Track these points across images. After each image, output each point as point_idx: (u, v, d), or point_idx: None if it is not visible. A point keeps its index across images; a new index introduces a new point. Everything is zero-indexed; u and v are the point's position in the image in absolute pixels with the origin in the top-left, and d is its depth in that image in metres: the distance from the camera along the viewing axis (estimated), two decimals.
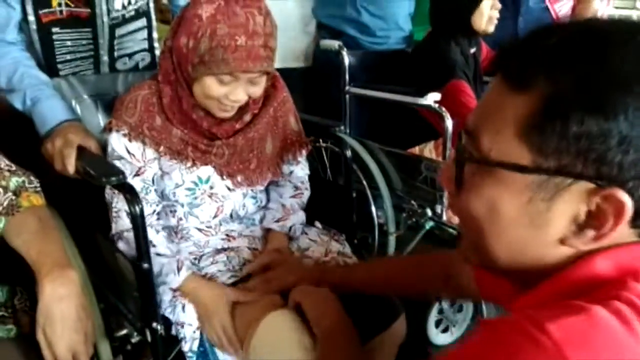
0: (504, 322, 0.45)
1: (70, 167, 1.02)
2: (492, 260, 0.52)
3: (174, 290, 1.00)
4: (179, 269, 0.99)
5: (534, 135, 0.46)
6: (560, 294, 0.48)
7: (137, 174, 1.03)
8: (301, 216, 1.21)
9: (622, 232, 0.47)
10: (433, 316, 1.64)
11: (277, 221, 1.16)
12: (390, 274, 0.97)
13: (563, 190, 0.46)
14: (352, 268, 1.07)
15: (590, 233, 0.47)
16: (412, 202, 1.63)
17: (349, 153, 1.30)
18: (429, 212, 1.62)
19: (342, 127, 1.32)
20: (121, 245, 1.02)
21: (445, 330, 1.69)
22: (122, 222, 1.01)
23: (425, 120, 1.76)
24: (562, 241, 0.48)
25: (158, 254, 0.99)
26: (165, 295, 0.99)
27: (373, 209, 1.69)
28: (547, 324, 0.41)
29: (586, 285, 0.47)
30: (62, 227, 1.03)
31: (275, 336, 0.91)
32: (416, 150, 1.78)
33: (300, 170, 1.23)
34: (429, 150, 1.79)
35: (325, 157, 1.79)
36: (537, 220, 0.48)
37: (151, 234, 1.00)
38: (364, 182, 1.70)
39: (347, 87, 1.81)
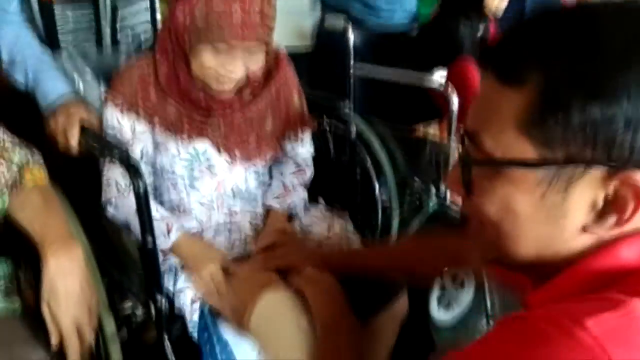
0: (537, 316, 0.43)
1: (74, 143, 1.02)
2: (513, 258, 0.51)
3: (164, 254, 1.00)
4: (168, 231, 1.00)
5: (537, 129, 0.44)
6: (584, 285, 0.46)
7: (131, 145, 1.03)
8: (302, 194, 1.20)
9: None
10: (435, 293, 1.64)
11: (277, 198, 1.16)
12: (393, 261, 0.97)
13: (576, 180, 0.44)
14: (354, 254, 1.07)
15: (612, 219, 0.45)
16: (416, 178, 1.62)
17: (353, 131, 1.29)
18: (433, 192, 1.61)
19: (347, 104, 1.30)
20: (110, 210, 1.03)
21: (447, 308, 1.70)
22: (110, 190, 1.03)
23: (431, 99, 1.74)
24: (584, 230, 0.46)
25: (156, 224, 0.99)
26: (163, 264, 1.00)
27: (377, 188, 1.68)
28: (586, 320, 0.40)
29: (611, 275, 0.45)
30: (66, 203, 1.03)
31: (274, 315, 0.92)
32: (420, 128, 1.77)
33: (304, 149, 1.22)
34: (433, 129, 1.77)
35: (329, 136, 1.77)
36: (555, 213, 0.46)
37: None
38: (368, 161, 1.69)
39: (351, 65, 1.78)
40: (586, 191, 0.45)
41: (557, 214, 0.46)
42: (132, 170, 0.90)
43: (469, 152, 0.50)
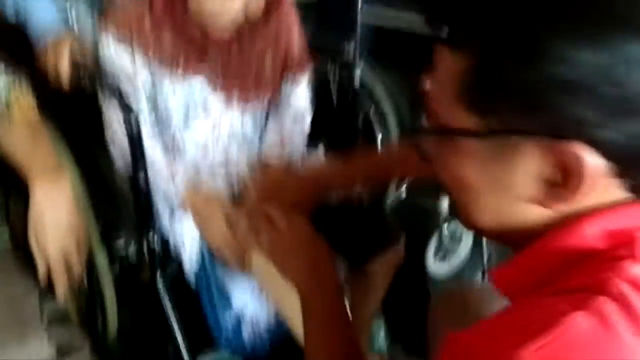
0: (473, 343, 0.41)
1: (64, 75, 0.98)
2: (477, 228, 0.49)
3: (168, 200, 0.98)
4: (172, 176, 0.97)
5: (474, 97, 0.42)
6: (547, 265, 0.44)
7: (126, 80, 0.99)
8: (300, 143, 1.17)
9: (609, 189, 0.42)
10: (433, 244, 1.63)
11: (276, 146, 1.13)
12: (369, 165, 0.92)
13: (518, 150, 0.42)
14: (332, 167, 0.97)
15: (561, 191, 0.42)
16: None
17: (357, 77, 1.24)
18: None
19: (351, 47, 1.25)
20: (113, 149, 1.00)
21: (443, 259, 1.70)
22: (112, 129, 0.99)
23: None
24: (537, 202, 0.44)
25: (152, 161, 0.97)
26: (159, 204, 0.98)
27: (379, 136, 1.65)
28: (521, 353, 0.37)
29: (574, 256, 0.43)
30: (58, 137, 1.00)
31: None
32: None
33: (302, 92, 1.17)
34: None
35: (332, 83, 1.72)
36: (503, 184, 0.44)
37: (144, 142, 0.97)
38: (371, 110, 1.64)
39: (359, 8, 1.71)
40: (530, 162, 0.42)
41: (505, 185, 0.44)
42: (123, 104, 0.87)
43: (427, 118, 0.49)
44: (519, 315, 0.42)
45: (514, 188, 0.43)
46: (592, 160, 0.40)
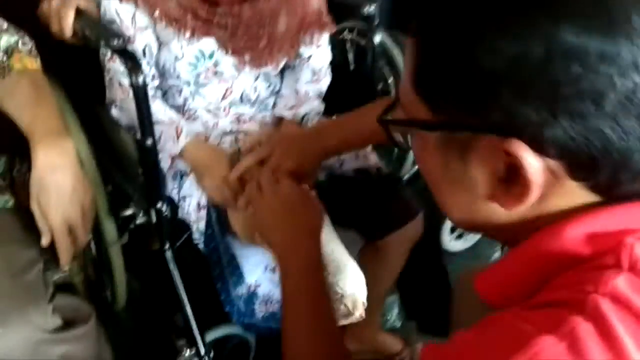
0: (444, 356, 0.41)
1: (67, 28, 0.92)
2: (455, 222, 0.49)
3: (172, 160, 0.94)
4: (177, 136, 0.93)
5: (423, 87, 0.42)
6: (528, 271, 0.42)
7: (130, 41, 0.93)
8: (317, 105, 1.11)
9: (575, 191, 0.40)
10: (449, 222, 1.59)
11: (290, 109, 1.07)
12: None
13: (471, 146, 0.40)
14: (351, 120, 0.92)
15: (514, 190, 0.40)
16: None
17: (377, 39, 1.17)
18: None
19: (372, 9, 1.17)
20: (114, 112, 0.96)
21: (459, 237, 1.66)
22: (114, 90, 0.94)
23: None
24: (497, 201, 0.42)
25: (156, 122, 0.92)
26: (164, 163, 0.94)
27: None
28: None
29: (558, 262, 0.40)
30: (63, 97, 0.95)
31: None
32: None
33: (321, 55, 1.11)
34: None
35: (349, 45, 1.65)
36: (461, 180, 0.42)
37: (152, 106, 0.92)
38: (390, 76, 1.57)
39: None
40: (483, 160, 0.40)
41: (464, 182, 0.42)
42: (130, 62, 0.81)
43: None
44: (490, 334, 0.40)
45: (473, 186, 0.42)
46: (534, 160, 0.37)
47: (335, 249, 0.86)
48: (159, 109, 0.96)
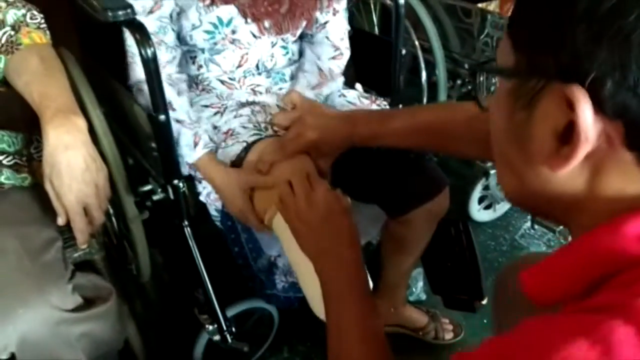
0: None
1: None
2: (508, 197, 0.47)
3: (189, 165, 0.92)
4: (195, 144, 0.90)
5: (513, 27, 0.40)
6: (580, 275, 0.39)
7: (151, 11, 0.89)
8: (340, 83, 1.07)
9: (633, 171, 0.37)
10: (477, 192, 1.54)
11: (313, 88, 1.02)
12: (436, 124, 0.80)
13: (537, 96, 0.38)
14: (388, 115, 0.87)
15: (565, 149, 0.37)
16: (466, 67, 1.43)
17: (401, 1, 1.10)
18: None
19: None
20: (139, 96, 0.92)
21: (487, 208, 1.61)
22: (138, 70, 0.89)
23: None
24: (547, 162, 0.39)
25: (177, 120, 0.89)
26: (183, 149, 0.91)
27: (423, 72, 1.51)
28: None
29: (612, 264, 0.37)
30: (78, 72, 0.93)
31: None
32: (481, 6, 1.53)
33: (339, 22, 1.05)
34: (494, 6, 1.53)
35: (373, 11, 1.57)
36: (522, 134, 0.40)
37: (170, 94, 0.89)
38: (416, 42, 1.50)
39: None
40: (547, 111, 0.38)
41: (524, 136, 0.40)
42: (139, 33, 0.78)
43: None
44: (522, 340, 0.37)
45: (531, 142, 0.40)
46: (590, 113, 0.35)
47: None
48: (181, 107, 0.91)
